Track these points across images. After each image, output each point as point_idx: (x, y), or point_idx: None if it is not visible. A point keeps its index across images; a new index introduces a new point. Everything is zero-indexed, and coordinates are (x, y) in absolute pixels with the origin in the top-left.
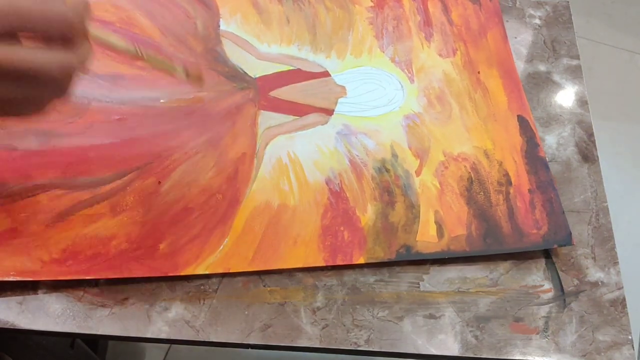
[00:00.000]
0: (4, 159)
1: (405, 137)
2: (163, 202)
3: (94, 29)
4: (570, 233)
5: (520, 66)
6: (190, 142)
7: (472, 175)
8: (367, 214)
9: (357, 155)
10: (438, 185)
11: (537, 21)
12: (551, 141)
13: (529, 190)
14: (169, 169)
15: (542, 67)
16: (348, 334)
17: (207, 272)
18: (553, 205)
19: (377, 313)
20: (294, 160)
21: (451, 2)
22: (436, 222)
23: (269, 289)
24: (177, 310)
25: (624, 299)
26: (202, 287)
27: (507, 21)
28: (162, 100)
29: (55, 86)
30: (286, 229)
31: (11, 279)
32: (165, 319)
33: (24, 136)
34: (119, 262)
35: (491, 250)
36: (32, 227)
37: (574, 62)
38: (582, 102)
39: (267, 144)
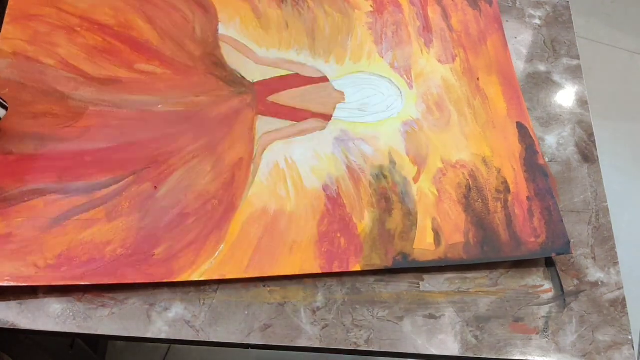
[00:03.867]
0: None
1: (403, 144)
2: (159, 207)
3: None
4: (569, 242)
5: (520, 66)
6: (187, 147)
7: (470, 183)
8: (364, 221)
9: (355, 162)
10: (436, 193)
11: (537, 21)
12: (551, 141)
13: (528, 198)
14: (165, 174)
15: (542, 67)
16: (348, 334)
17: (202, 279)
18: (552, 213)
19: (377, 313)
20: (291, 165)
21: (451, 7)
22: (433, 230)
23: (269, 289)
24: (177, 310)
25: (624, 299)
26: (202, 287)
27: (507, 21)
28: (159, 105)
29: None
30: (282, 235)
31: (5, 284)
32: (165, 319)
33: (19, 140)
34: (114, 268)
35: (489, 258)
36: (28, 232)
37: (574, 62)
38: (582, 102)
39: (264, 149)
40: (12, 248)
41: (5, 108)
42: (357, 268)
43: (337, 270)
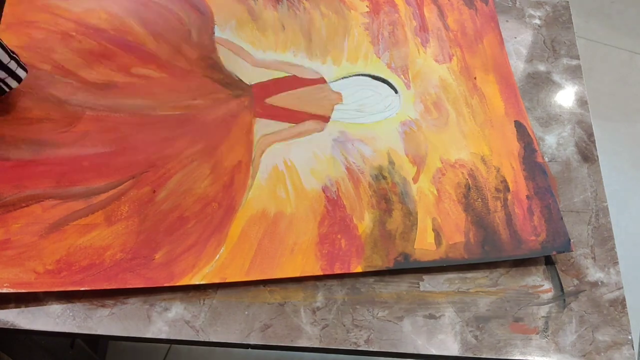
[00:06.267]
0: None
1: (402, 144)
2: (158, 211)
3: None
4: (569, 240)
5: (520, 66)
6: (185, 150)
7: (470, 182)
8: (365, 222)
9: (354, 162)
10: (435, 192)
11: (537, 21)
12: (551, 141)
13: (527, 197)
14: (164, 177)
15: (542, 67)
16: (348, 334)
17: (203, 282)
18: (551, 211)
19: (377, 313)
20: (290, 167)
21: (447, 7)
22: (434, 230)
23: (269, 289)
24: (177, 310)
25: (623, 299)
26: (202, 288)
27: (507, 21)
28: (156, 109)
29: None
30: (283, 237)
31: (5, 290)
32: (165, 319)
33: (17, 146)
34: (113, 273)
35: (489, 257)
36: (26, 237)
37: (574, 62)
38: (582, 102)
39: (263, 152)
40: (10, 254)
41: (26, 70)
42: (359, 269)
43: (338, 271)
